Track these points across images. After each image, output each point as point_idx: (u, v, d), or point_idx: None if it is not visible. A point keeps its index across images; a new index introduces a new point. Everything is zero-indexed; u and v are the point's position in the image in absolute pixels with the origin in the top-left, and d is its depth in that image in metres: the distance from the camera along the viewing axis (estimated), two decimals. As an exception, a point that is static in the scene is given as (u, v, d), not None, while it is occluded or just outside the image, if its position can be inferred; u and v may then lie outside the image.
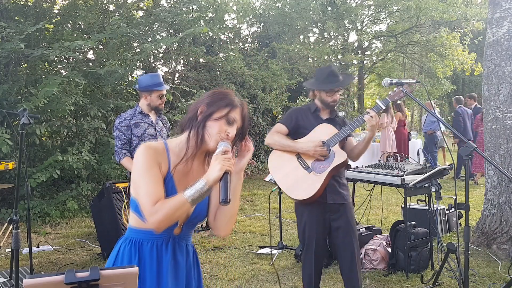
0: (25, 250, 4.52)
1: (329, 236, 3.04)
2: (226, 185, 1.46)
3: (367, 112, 2.85)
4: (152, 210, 1.45)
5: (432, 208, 4.21)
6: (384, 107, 2.87)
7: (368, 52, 15.60)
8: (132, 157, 3.55)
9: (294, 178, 2.89)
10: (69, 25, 7.38)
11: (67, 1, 7.66)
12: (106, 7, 7.89)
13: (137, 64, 7.69)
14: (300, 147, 2.90)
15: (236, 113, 1.59)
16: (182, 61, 10.02)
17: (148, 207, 1.46)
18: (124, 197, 4.27)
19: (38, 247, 4.81)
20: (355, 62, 14.44)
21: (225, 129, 1.56)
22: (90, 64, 6.97)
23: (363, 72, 15.72)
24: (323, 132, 2.93)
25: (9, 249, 3.95)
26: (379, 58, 15.01)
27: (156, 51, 8.61)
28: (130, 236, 1.62)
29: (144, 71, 8.78)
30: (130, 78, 7.46)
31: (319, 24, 14.44)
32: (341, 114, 3.31)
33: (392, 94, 2.91)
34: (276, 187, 2.98)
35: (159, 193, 1.49)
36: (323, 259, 3.07)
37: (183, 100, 8.13)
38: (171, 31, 9.05)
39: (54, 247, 4.86)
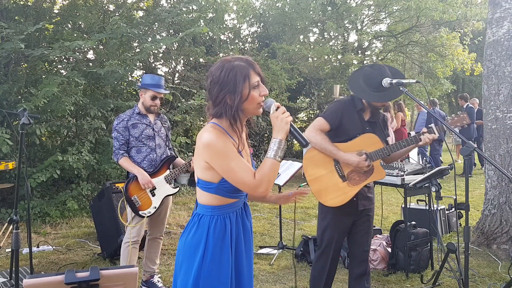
0: (25, 250, 4.53)
1: (348, 234, 2.97)
2: (297, 132, 1.67)
3: (423, 133, 2.70)
4: (257, 183, 1.64)
5: (432, 208, 4.21)
6: (438, 135, 2.69)
7: (368, 52, 15.57)
8: (129, 157, 3.56)
9: (327, 183, 2.78)
10: (69, 25, 7.38)
11: (67, 1, 7.65)
12: (106, 7, 7.89)
13: (137, 64, 7.69)
14: (343, 157, 2.74)
15: (253, 76, 1.70)
16: (182, 61, 10.02)
17: (251, 181, 1.64)
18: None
19: (38, 247, 4.81)
20: (355, 62, 14.39)
21: (257, 94, 1.71)
22: (90, 64, 6.96)
23: (363, 72, 15.67)
24: (368, 143, 2.78)
25: (9, 249, 3.95)
26: (379, 58, 14.99)
27: (156, 51, 8.61)
28: (215, 214, 1.75)
29: (144, 71, 8.79)
30: (130, 78, 7.46)
31: (319, 24, 14.42)
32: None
33: (451, 121, 2.77)
34: (305, 183, 2.88)
35: (250, 167, 1.69)
36: (337, 263, 2.98)
37: (183, 100, 8.13)
38: (171, 31, 9.04)
39: (54, 247, 4.86)
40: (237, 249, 1.77)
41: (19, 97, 6.05)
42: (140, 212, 3.47)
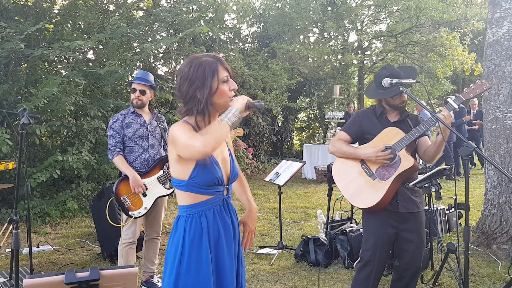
0: (25, 250, 4.53)
1: (396, 244, 2.83)
2: (254, 103, 1.76)
3: (439, 110, 2.59)
4: (202, 140, 1.59)
5: (432, 208, 4.21)
6: (456, 107, 2.59)
7: (368, 52, 15.56)
8: (124, 156, 3.53)
9: (357, 185, 2.75)
10: (69, 25, 7.38)
11: (67, 1, 7.66)
12: (106, 7, 7.89)
13: (137, 64, 7.68)
14: (361, 153, 2.76)
15: (222, 71, 1.74)
16: (182, 61, 10.02)
17: (191, 139, 1.60)
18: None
19: (38, 247, 4.81)
20: (355, 62, 14.40)
21: (227, 89, 1.74)
22: (90, 64, 6.96)
23: (363, 72, 15.70)
24: (389, 135, 2.76)
25: (9, 249, 3.95)
26: (379, 58, 14.98)
27: (156, 51, 8.60)
28: (190, 213, 1.75)
29: (144, 71, 8.79)
30: (130, 78, 7.46)
31: (319, 24, 14.41)
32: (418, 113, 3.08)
33: (465, 93, 2.70)
34: (341, 194, 2.88)
35: (200, 136, 1.64)
36: (382, 273, 2.83)
37: (183, 100, 8.11)
38: (171, 31, 9.04)
39: (54, 247, 4.86)
40: (217, 247, 1.76)
41: (19, 97, 6.05)
42: (130, 213, 3.43)
